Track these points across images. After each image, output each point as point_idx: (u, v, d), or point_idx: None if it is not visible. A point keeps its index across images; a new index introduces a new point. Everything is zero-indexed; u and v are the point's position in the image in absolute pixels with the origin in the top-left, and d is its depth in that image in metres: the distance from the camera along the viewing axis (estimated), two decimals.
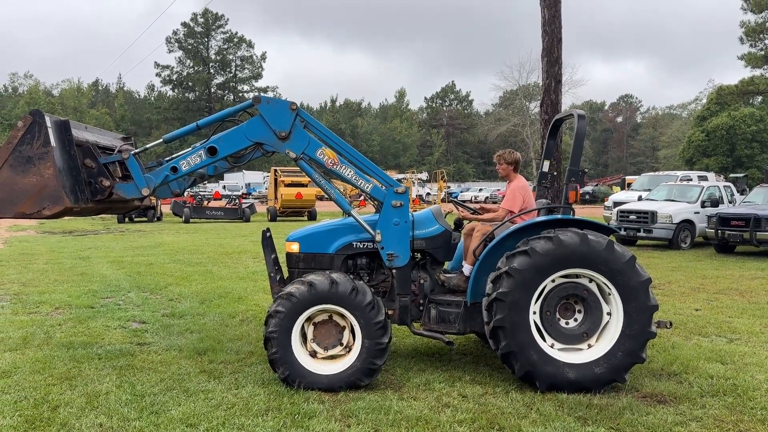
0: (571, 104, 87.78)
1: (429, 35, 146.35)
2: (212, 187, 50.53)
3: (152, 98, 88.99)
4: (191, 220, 28.37)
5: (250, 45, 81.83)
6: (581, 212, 7.78)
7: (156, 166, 5.55)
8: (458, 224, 6.26)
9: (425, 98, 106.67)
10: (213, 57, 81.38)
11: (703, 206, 17.27)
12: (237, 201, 31.27)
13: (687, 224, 16.98)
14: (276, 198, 30.43)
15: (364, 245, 5.78)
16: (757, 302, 9.44)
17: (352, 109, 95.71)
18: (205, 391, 5.15)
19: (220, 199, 35.62)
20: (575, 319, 5.39)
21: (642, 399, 5.13)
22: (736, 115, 59.70)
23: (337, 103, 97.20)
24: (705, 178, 21.64)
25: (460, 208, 6.34)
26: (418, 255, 6.01)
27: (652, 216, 16.76)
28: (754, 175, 51.64)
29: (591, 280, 5.35)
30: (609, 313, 5.33)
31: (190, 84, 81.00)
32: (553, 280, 5.28)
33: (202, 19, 79.73)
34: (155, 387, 5.26)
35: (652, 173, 21.52)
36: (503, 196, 6.12)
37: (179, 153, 5.64)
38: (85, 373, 5.64)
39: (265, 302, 8.98)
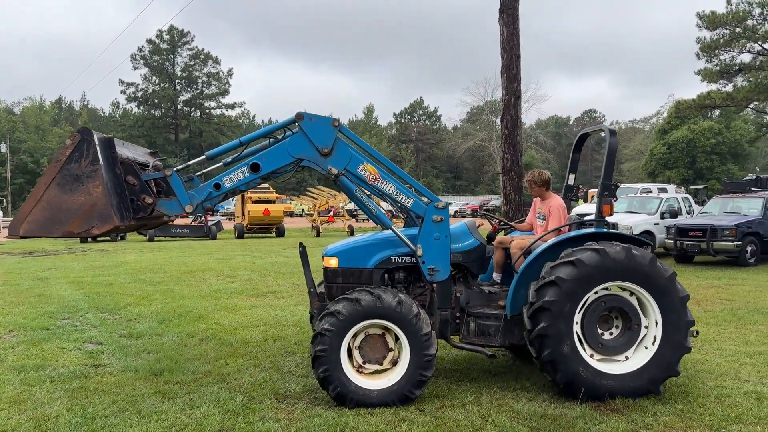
0: (537, 119, 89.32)
1: (399, 52, 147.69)
2: None
3: (117, 116, 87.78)
4: (156, 238, 27.95)
5: (217, 61, 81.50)
6: None
7: (187, 181, 5.51)
8: (491, 237, 6.33)
9: (394, 114, 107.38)
10: (179, 74, 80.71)
11: (662, 217, 17.68)
12: (203, 218, 30.89)
13: (647, 235, 17.35)
14: (243, 215, 30.20)
15: (402, 259, 5.80)
16: (713, 311, 9.68)
17: None
18: (158, 412, 5.06)
19: (186, 217, 35.14)
20: (615, 329, 5.53)
21: (595, 408, 5.20)
22: (695, 129, 61.46)
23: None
24: (664, 190, 22.18)
25: (502, 223, 6.56)
26: (453, 269, 5.96)
27: (613, 228, 17.01)
28: (714, 186, 53.07)
29: (631, 294, 5.46)
30: (647, 327, 5.46)
31: (155, 101, 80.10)
32: (595, 292, 5.38)
33: (167, 36, 79.12)
34: (107, 409, 5.15)
35: (625, 185, 21.93)
36: (474, 210, 6.32)
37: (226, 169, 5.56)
38: (35, 397, 5.51)
39: (225, 320, 8.89)
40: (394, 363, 5.29)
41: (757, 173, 35.45)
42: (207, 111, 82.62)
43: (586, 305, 5.39)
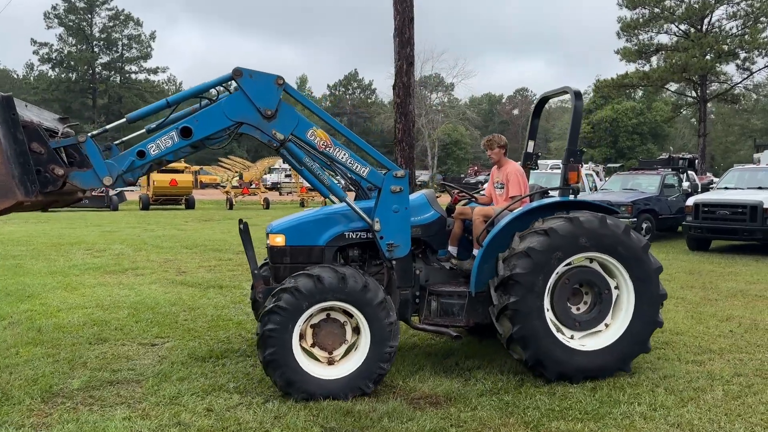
0: (471, 96, 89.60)
1: (338, 22, 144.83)
2: None
3: (31, 78, 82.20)
4: (50, 209, 25.99)
5: (138, 23, 76.94)
6: None
7: (104, 150, 4.59)
8: (451, 209, 5.90)
9: (328, 86, 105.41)
10: (97, 35, 76.02)
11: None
12: (103, 188, 29.04)
13: None
14: (149, 185, 28.58)
15: (357, 235, 5.23)
16: None
17: None
18: None
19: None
20: (585, 302, 5.28)
21: (414, 402, 4.63)
22: (618, 109, 63.10)
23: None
24: None
25: (457, 192, 6.09)
26: (413, 244, 5.40)
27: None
28: (633, 165, 54.62)
29: (592, 260, 5.20)
30: (617, 287, 5.23)
31: (71, 63, 75.26)
32: (567, 264, 5.05)
33: None
34: None
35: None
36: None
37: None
38: None
39: (55, 301, 7.90)
40: (351, 352, 4.80)
41: (671, 152, 36.43)
42: (127, 75, 78.29)
43: (557, 278, 5.09)
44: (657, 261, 5.24)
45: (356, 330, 4.81)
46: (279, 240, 5.19)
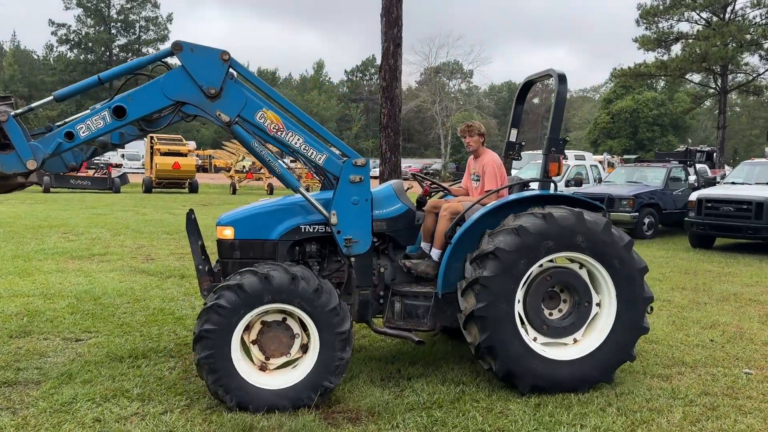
0: (490, 84, 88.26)
1: (354, 7, 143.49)
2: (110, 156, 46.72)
3: (51, 59, 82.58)
4: (51, 189, 25.91)
5: (156, 5, 76.84)
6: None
7: (44, 132, 4.20)
8: (421, 202, 5.41)
9: (345, 71, 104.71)
10: (115, 16, 76.03)
11: (567, 185, 16.86)
12: (106, 170, 28.93)
13: None
14: (151, 168, 28.34)
15: (314, 229, 4.78)
16: None
17: (266, 78, 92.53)
18: None
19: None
20: (559, 310, 4.80)
21: (331, 417, 4.15)
22: (639, 99, 61.56)
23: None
24: (582, 158, 21.37)
25: (429, 184, 5.58)
26: (376, 239, 5.01)
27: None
28: (651, 157, 53.35)
29: (581, 266, 4.74)
30: (599, 304, 4.75)
31: (89, 45, 75.44)
32: (540, 265, 4.61)
33: None
34: None
35: (530, 152, 21.01)
36: (413, 173, 5.34)
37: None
38: None
39: (4, 287, 7.54)
40: (298, 360, 4.34)
41: (688, 145, 35.33)
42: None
43: (529, 281, 4.64)
44: (642, 260, 4.76)
45: (304, 348, 4.33)
46: (227, 233, 4.75)
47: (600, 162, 21.83)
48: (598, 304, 4.76)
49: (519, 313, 4.61)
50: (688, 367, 5.32)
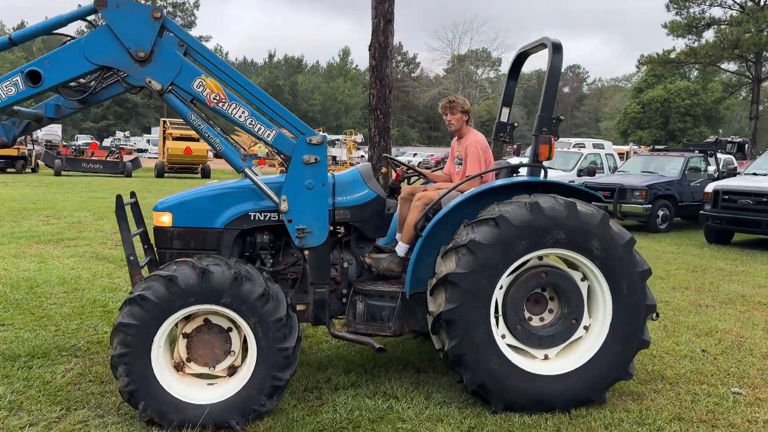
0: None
1: None
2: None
3: None
4: (63, 172, 25.85)
5: None
6: None
7: None
8: (394, 189, 4.84)
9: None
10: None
11: (579, 175, 15.95)
12: (118, 154, 28.80)
13: None
14: (163, 152, 28.13)
15: (265, 216, 4.20)
16: None
17: (291, 65, 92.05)
18: None
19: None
20: (541, 318, 4.13)
21: None
22: (671, 88, 59.48)
23: (275, 59, 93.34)
24: (600, 146, 20.37)
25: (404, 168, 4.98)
26: (341, 229, 4.54)
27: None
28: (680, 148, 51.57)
29: (584, 278, 4.10)
30: (587, 328, 4.11)
31: None
32: (524, 262, 4.00)
33: None
34: None
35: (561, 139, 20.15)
36: (437, 162, 4.58)
37: None
38: None
39: None
40: (237, 366, 3.77)
41: (719, 135, 33.80)
42: None
43: (510, 280, 4.02)
44: (644, 262, 4.08)
45: (231, 371, 3.76)
46: (165, 219, 4.18)
47: (626, 152, 20.72)
48: (586, 328, 4.09)
49: (496, 318, 3.97)
50: (668, 384, 4.58)
